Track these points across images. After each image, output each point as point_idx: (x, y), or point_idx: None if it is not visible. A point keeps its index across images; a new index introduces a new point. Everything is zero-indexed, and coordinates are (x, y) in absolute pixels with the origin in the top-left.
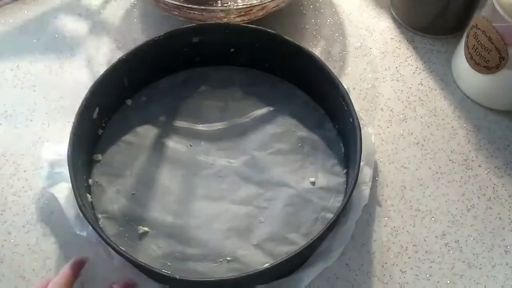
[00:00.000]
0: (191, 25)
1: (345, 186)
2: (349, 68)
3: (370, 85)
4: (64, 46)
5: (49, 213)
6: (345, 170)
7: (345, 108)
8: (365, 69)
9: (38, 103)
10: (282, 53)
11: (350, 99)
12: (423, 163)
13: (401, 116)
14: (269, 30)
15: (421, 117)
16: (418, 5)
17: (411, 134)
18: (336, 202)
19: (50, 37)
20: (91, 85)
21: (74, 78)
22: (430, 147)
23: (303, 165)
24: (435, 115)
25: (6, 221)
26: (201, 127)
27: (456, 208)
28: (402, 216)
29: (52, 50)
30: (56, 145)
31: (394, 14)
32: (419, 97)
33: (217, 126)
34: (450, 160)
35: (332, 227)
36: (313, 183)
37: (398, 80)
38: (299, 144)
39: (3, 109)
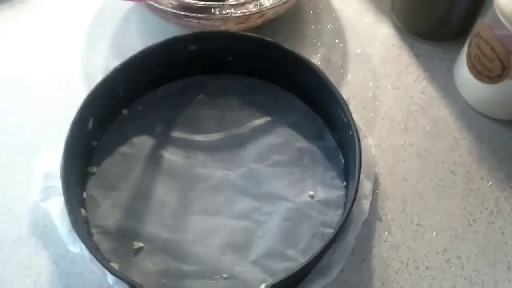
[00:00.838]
0: (188, 33)
1: (344, 199)
2: (350, 76)
3: (370, 94)
4: (58, 54)
5: (42, 227)
6: (344, 183)
7: (345, 120)
8: (365, 76)
9: (32, 112)
10: (280, 62)
11: (349, 111)
12: (424, 176)
13: (402, 126)
14: (266, 38)
15: (422, 127)
16: (420, 11)
17: (412, 145)
18: (335, 216)
19: (45, 44)
20: (85, 97)
21: (69, 86)
22: (431, 159)
23: (302, 178)
24: (437, 125)
25: None
26: (198, 137)
27: (458, 223)
28: (402, 230)
29: (47, 57)
30: (50, 157)
31: (396, 20)
32: (421, 106)
33: (215, 136)
34: (451, 173)
35: (332, 243)
36: (312, 197)
37: (399, 89)
38: (298, 156)
39: None
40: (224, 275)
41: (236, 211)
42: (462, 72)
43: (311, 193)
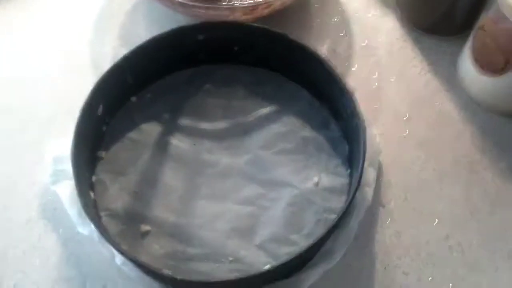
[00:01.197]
0: (195, 23)
1: (348, 187)
2: (355, 68)
3: (375, 85)
4: (68, 44)
5: (52, 210)
6: (348, 171)
7: (350, 109)
8: (370, 69)
9: (43, 98)
10: (286, 53)
11: (355, 100)
12: (427, 165)
13: (405, 117)
14: (273, 29)
15: (426, 119)
16: (425, 5)
17: (416, 135)
18: (339, 203)
19: (54, 33)
20: (95, 83)
21: (78, 75)
22: (434, 149)
23: (307, 165)
24: (440, 117)
25: (9, 217)
26: (204, 125)
27: (460, 211)
28: (405, 218)
29: (57, 46)
30: (60, 141)
31: (400, 14)
32: (424, 98)
33: (221, 124)
34: (454, 163)
35: (334, 228)
36: (316, 184)
37: (403, 81)
38: (303, 144)
39: (8, 104)
40: (230, 258)
41: (242, 197)
42: (466, 65)
43: (315, 180)
